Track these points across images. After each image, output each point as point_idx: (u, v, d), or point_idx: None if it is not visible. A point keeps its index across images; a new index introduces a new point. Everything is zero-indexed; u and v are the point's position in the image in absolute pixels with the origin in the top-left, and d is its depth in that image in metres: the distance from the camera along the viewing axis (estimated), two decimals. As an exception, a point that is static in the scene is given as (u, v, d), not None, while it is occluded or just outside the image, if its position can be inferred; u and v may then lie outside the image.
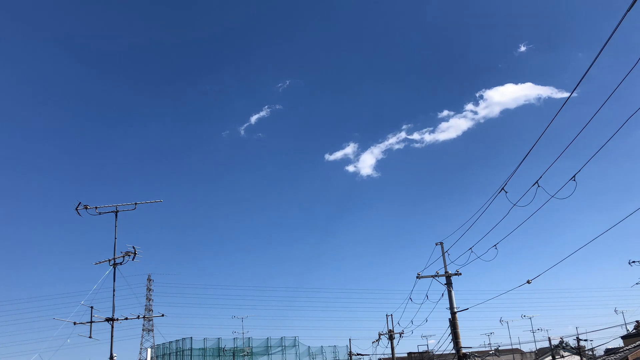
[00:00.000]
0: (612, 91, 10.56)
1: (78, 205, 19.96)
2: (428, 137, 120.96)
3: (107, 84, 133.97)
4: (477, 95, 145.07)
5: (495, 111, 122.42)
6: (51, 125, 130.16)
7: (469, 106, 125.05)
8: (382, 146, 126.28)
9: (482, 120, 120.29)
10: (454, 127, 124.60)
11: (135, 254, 19.74)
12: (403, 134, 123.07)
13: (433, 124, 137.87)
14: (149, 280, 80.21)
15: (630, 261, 39.34)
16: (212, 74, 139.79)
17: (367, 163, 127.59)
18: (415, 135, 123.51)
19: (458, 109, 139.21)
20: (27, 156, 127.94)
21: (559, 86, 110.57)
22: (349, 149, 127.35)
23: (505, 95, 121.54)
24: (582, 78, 10.71)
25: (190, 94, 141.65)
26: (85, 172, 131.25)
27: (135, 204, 20.71)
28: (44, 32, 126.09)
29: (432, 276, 23.98)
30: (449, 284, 23.61)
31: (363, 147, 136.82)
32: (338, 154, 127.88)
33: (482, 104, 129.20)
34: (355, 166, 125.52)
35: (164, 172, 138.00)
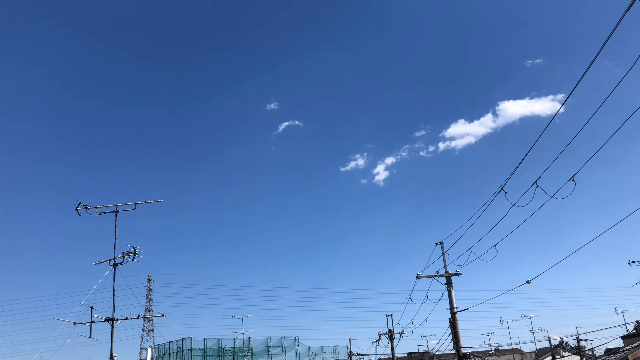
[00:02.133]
0: (610, 92, 10.57)
1: (78, 205, 19.97)
2: (442, 145, 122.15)
3: (111, 86, 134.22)
4: (494, 107, 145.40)
5: (510, 121, 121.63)
6: (52, 125, 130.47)
7: (488, 116, 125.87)
8: (395, 155, 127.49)
9: (498, 129, 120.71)
10: (470, 134, 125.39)
11: (135, 254, 19.74)
12: (416, 144, 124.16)
13: (448, 131, 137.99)
14: (149, 280, 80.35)
15: (630, 261, 39.29)
16: (235, 84, 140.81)
17: (377, 171, 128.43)
18: (430, 147, 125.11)
19: (474, 119, 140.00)
20: (28, 156, 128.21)
21: (580, 97, 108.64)
22: (362, 160, 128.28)
23: (525, 107, 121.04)
24: (577, 84, 10.72)
25: (200, 99, 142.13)
26: (85, 172, 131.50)
27: (135, 204, 20.72)
28: (49, 32, 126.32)
29: (432, 276, 23.99)
30: (449, 284, 23.62)
31: (375, 157, 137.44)
32: (351, 164, 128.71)
33: (499, 114, 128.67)
34: (365, 173, 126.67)
35: (164, 172, 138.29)
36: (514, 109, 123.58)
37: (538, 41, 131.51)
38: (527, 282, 20.12)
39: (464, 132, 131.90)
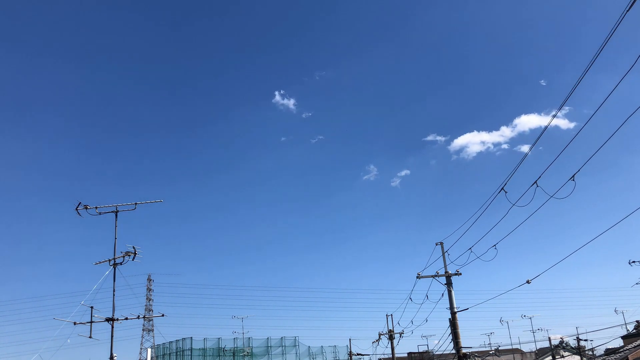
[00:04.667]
0: (609, 94, 10.57)
1: (78, 205, 19.97)
2: (455, 157, 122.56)
3: (111, 85, 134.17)
4: (511, 120, 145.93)
5: (527, 133, 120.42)
6: (52, 124, 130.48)
7: (505, 128, 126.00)
8: (407, 163, 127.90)
9: (514, 140, 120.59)
10: (486, 143, 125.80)
11: (135, 254, 19.75)
12: (429, 153, 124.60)
13: (463, 141, 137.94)
14: (149, 280, 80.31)
15: (630, 261, 39.24)
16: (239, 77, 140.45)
17: (387, 178, 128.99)
18: (442, 157, 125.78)
19: (492, 130, 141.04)
20: (28, 156, 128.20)
21: (598, 110, 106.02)
22: (375, 169, 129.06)
23: (543, 121, 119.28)
24: (570, 94, 10.72)
25: (209, 100, 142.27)
26: (85, 172, 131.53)
27: (135, 204, 20.72)
28: (50, 29, 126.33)
29: (432, 276, 23.98)
30: (449, 284, 23.61)
31: (388, 164, 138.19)
32: (365, 176, 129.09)
33: (516, 127, 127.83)
34: (376, 182, 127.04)
35: (164, 172, 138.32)
36: (533, 121, 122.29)
37: (558, 54, 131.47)
38: (527, 282, 20.12)
39: (479, 141, 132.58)
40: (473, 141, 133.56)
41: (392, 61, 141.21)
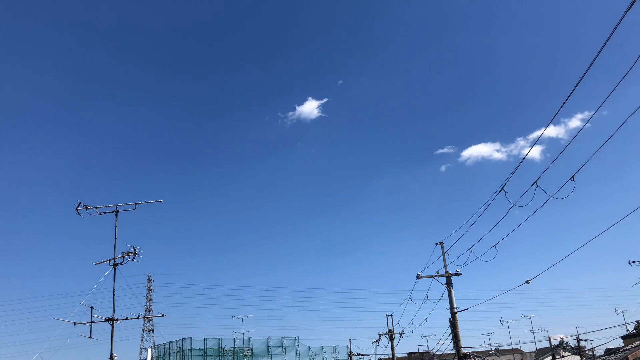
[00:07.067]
0: (608, 94, 10.57)
1: (78, 205, 19.97)
2: (465, 165, 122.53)
3: (111, 85, 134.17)
4: (527, 133, 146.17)
5: (539, 142, 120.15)
6: (52, 124, 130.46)
7: (519, 140, 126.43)
8: (416, 172, 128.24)
9: (526, 148, 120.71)
10: (499, 151, 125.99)
11: (135, 254, 19.75)
12: (438, 161, 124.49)
13: (475, 150, 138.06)
14: (149, 280, 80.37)
15: (630, 261, 39.29)
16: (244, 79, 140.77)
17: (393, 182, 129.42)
18: (452, 164, 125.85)
19: (506, 142, 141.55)
20: (28, 156, 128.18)
21: (616, 112, 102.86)
22: (389, 175, 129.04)
23: (555, 130, 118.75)
24: (566, 100, 10.72)
25: (209, 98, 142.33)
26: (85, 172, 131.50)
27: (135, 204, 20.71)
28: (53, 31, 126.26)
29: (432, 276, 23.99)
30: (449, 284, 23.62)
31: (397, 170, 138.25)
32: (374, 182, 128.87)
33: (530, 139, 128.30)
34: (384, 191, 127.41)
35: (164, 172, 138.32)
36: (549, 132, 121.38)
37: (571, 64, 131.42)
38: (527, 282, 20.12)
39: (493, 150, 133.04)
40: (485, 150, 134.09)
41: (410, 74, 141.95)
